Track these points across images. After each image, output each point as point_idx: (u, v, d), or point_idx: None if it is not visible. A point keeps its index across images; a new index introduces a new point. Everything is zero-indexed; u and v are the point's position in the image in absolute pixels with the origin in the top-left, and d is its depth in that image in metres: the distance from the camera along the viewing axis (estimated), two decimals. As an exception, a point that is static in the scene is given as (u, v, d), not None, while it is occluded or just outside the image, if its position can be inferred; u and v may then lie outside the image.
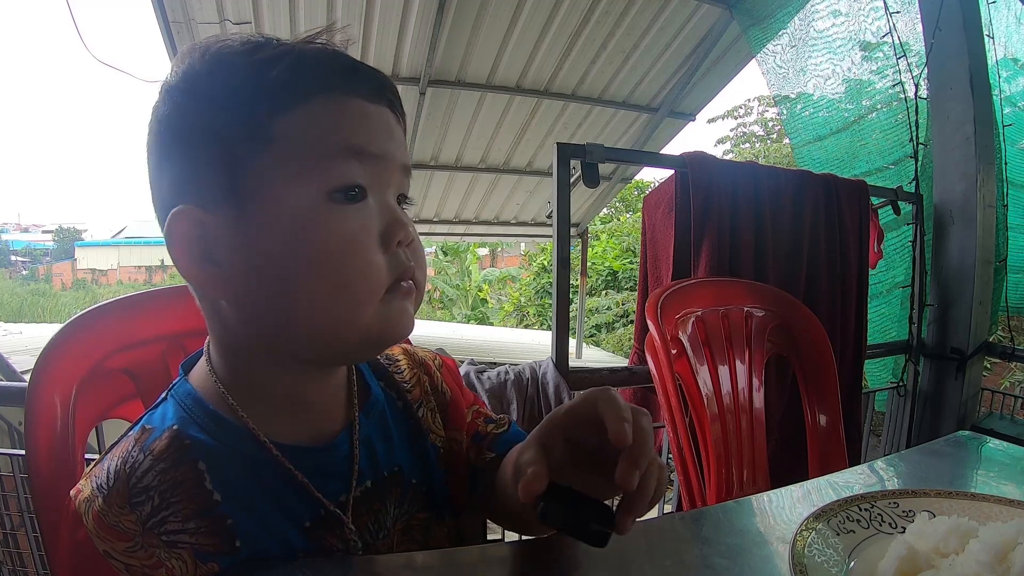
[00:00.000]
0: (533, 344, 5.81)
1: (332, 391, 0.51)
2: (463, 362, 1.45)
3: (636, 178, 6.85)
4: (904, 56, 2.12)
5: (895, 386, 2.13)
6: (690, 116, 3.69)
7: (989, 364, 3.22)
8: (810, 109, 2.42)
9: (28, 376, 0.66)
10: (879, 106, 2.28)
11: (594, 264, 9.21)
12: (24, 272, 22.48)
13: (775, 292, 1.33)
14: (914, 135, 2.13)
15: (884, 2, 2.13)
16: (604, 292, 9.21)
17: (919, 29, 2.10)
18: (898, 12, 2.14)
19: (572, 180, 1.49)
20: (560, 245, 1.43)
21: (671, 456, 1.20)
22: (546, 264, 9.60)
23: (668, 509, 1.56)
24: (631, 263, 9.10)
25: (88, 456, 0.62)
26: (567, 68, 3.11)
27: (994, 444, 0.74)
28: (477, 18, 2.68)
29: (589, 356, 5.61)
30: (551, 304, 2.17)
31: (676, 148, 3.95)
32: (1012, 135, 2.19)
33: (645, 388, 1.56)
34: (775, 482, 1.13)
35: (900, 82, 2.15)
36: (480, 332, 7.24)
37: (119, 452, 0.44)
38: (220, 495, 0.43)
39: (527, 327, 9.29)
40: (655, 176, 10.97)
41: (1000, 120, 2.13)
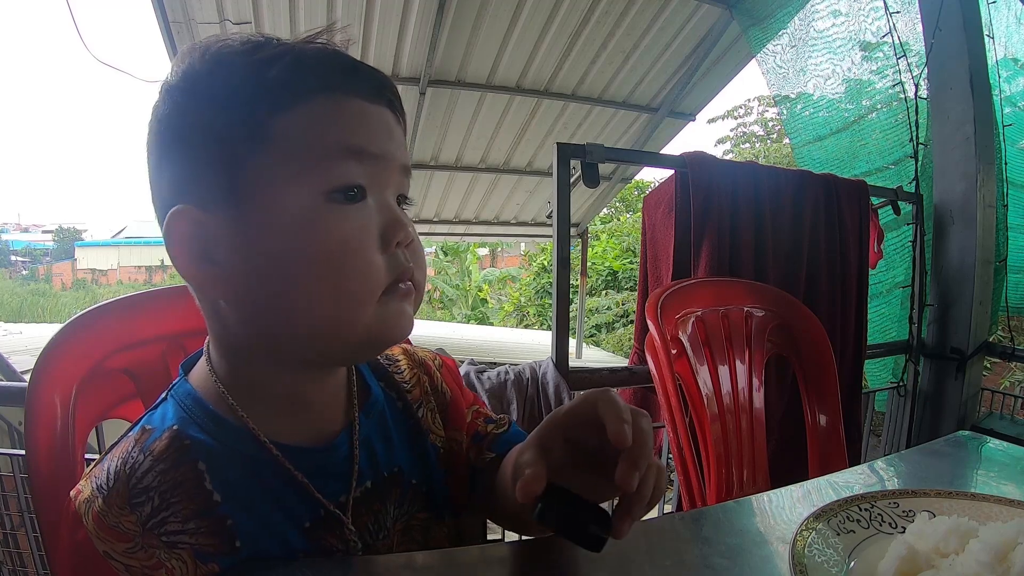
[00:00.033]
0: (533, 344, 5.81)
1: (332, 391, 0.51)
2: (463, 362, 1.45)
3: (636, 178, 6.85)
4: (904, 56, 2.12)
5: (895, 386, 2.13)
6: (690, 116, 3.69)
7: (989, 364, 3.22)
8: (810, 109, 2.41)
9: (28, 376, 0.66)
10: (879, 106, 2.28)
11: (594, 264, 9.21)
12: (24, 272, 22.47)
13: (775, 292, 1.33)
14: (914, 135, 2.13)
15: (884, 2, 2.13)
16: (604, 292, 9.21)
17: (919, 29, 2.10)
18: (898, 12, 2.14)
19: (572, 180, 1.49)
20: (560, 245, 1.43)
21: (671, 456, 1.20)
22: (546, 264, 9.60)
23: (668, 509, 1.56)
24: (631, 263, 9.10)
25: (88, 456, 0.62)
26: (567, 68, 3.11)
27: (994, 444, 0.74)
28: (477, 18, 2.68)
29: (589, 356, 5.60)
30: (551, 304, 2.17)
31: (676, 148, 3.95)
32: (1012, 135, 2.19)
33: (645, 388, 1.56)
34: (775, 482, 1.13)
35: (900, 82, 2.15)
36: (480, 332, 7.23)
37: (119, 453, 0.44)
38: (220, 495, 0.43)
39: (527, 327, 9.28)
40: (655, 176, 10.98)
41: (1000, 120, 2.13)
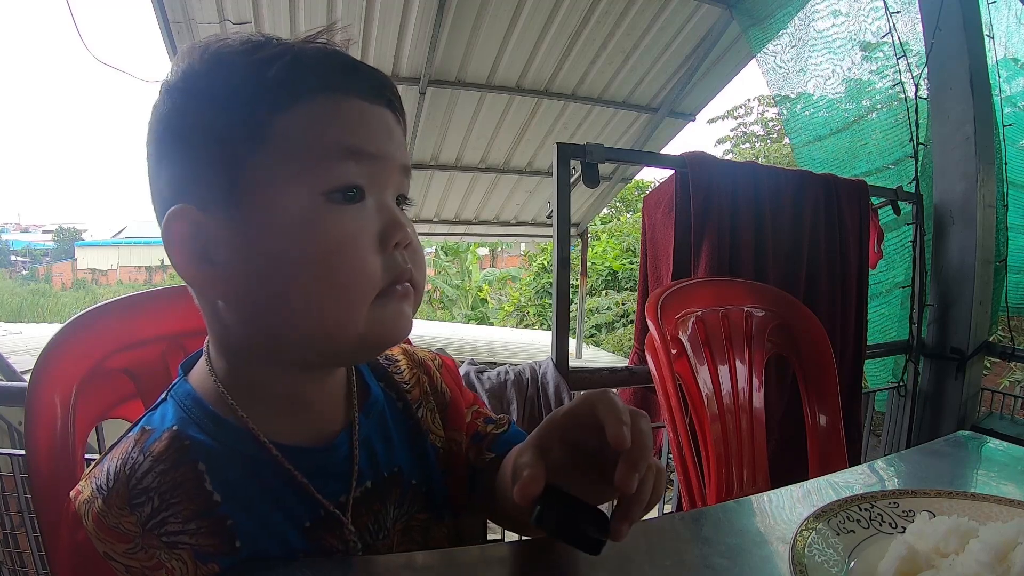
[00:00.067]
0: (533, 344, 5.81)
1: (332, 391, 0.51)
2: (463, 362, 1.45)
3: (636, 178, 6.85)
4: (904, 56, 2.12)
5: (895, 386, 2.13)
6: (690, 116, 3.69)
7: (988, 364, 3.22)
8: (810, 109, 2.41)
9: (28, 376, 0.66)
10: (879, 106, 2.28)
11: (594, 264, 9.20)
12: (24, 272, 22.46)
13: (775, 292, 1.33)
14: (914, 135, 2.13)
15: (884, 2, 2.13)
16: (604, 292, 9.21)
17: (919, 29, 2.10)
18: (898, 12, 2.14)
19: (572, 180, 1.49)
20: (560, 245, 1.43)
21: (671, 456, 1.20)
22: (546, 264, 9.60)
23: (668, 509, 1.56)
24: (631, 263, 9.10)
25: (88, 456, 0.62)
26: (567, 68, 3.11)
27: (994, 444, 0.74)
28: (477, 18, 2.68)
29: (589, 356, 5.60)
30: (551, 304, 2.17)
31: (676, 148, 3.95)
32: (1012, 135, 2.19)
33: (645, 388, 1.56)
34: (775, 482, 1.13)
35: (900, 82, 2.15)
36: (480, 332, 7.23)
37: (119, 453, 0.43)
38: (220, 496, 0.43)
39: (527, 327, 9.28)
40: (655, 176, 10.97)
41: (1000, 120, 2.13)
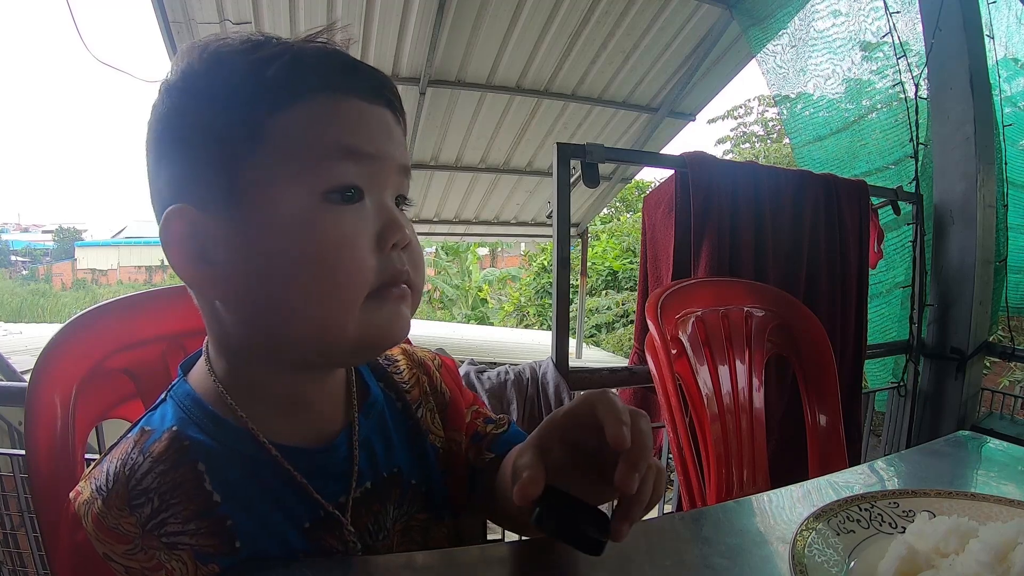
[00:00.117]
0: (533, 344, 5.81)
1: (331, 392, 0.50)
2: (463, 362, 1.45)
3: (636, 178, 6.85)
4: (904, 56, 2.12)
5: (895, 386, 2.13)
6: (690, 116, 3.69)
7: (988, 364, 3.22)
8: (810, 109, 2.41)
9: (28, 376, 0.66)
10: (879, 106, 2.28)
11: (594, 264, 9.21)
12: (24, 272, 22.45)
13: (775, 292, 1.33)
14: (914, 135, 2.13)
15: (884, 2, 2.13)
16: (604, 292, 9.21)
17: (919, 29, 2.10)
18: (898, 12, 2.14)
19: (572, 180, 1.49)
20: (560, 245, 1.43)
21: (671, 456, 1.20)
22: (546, 264, 9.60)
23: (668, 509, 1.56)
24: (631, 263, 9.10)
25: (88, 456, 0.62)
26: (567, 68, 3.11)
27: (994, 444, 0.74)
28: (477, 18, 2.68)
29: (589, 356, 5.60)
30: (551, 304, 2.17)
31: (676, 148, 3.95)
32: (1012, 135, 2.19)
33: (645, 388, 1.56)
34: (775, 482, 1.13)
35: (900, 82, 2.15)
36: (480, 332, 7.23)
37: (118, 454, 0.43)
38: (220, 496, 0.43)
39: (527, 327, 9.28)
40: (655, 176, 10.97)
41: (1000, 120, 2.13)
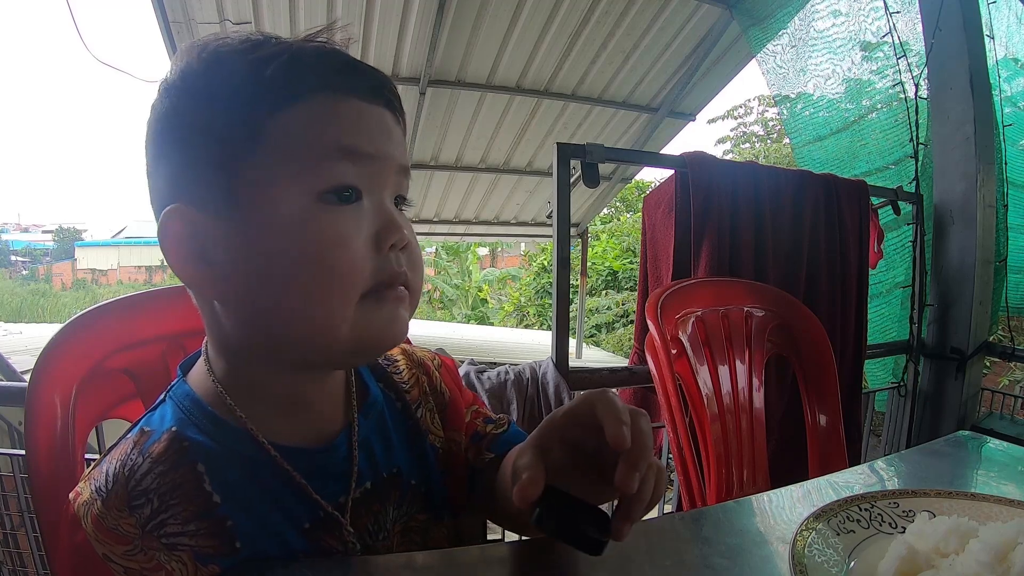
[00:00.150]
0: (533, 344, 5.81)
1: (331, 392, 0.50)
2: (463, 362, 1.45)
3: (636, 178, 6.85)
4: (904, 56, 2.12)
5: (895, 386, 2.13)
6: (690, 116, 3.69)
7: (988, 363, 3.22)
8: (810, 109, 2.41)
9: (28, 376, 0.66)
10: (879, 106, 2.28)
11: (594, 264, 9.21)
12: (24, 272, 22.45)
13: (775, 292, 1.33)
14: (914, 135, 2.13)
15: (884, 2, 2.13)
16: (604, 292, 9.21)
17: (919, 29, 2.10)
18: (898, 12, 2.14)
19: (572, 180, 1.49)
20: (560, 245, 1.43)
21: (671, 456, 1.20)
22: (546, 264, 9.60)
23: (668, 509, 1.56)
24: (631, 263, 9.10)
25: (88, 456, 0.62)
26: (567, 68, 3.11)
27: (994, 444, 0.74)
28: (477, 18, 2.68)
29: (589, 356, 5.60)
30: (551, 304, 2.17)
31: (676, 148, 3.95)
32: (1012, 135, 2.19)
33: (645, 388, 1.56)
34: (775, 482, 1.13)
35: (900, 82, 2.15)
36: (480, 332, 7.23)
37: (117, 455, 0.43)
38: (219, 496, 0.43)
39: (527, 327, 9.28)
40: (655, 176, 10.98)
41: (1000, 120, 2.13)
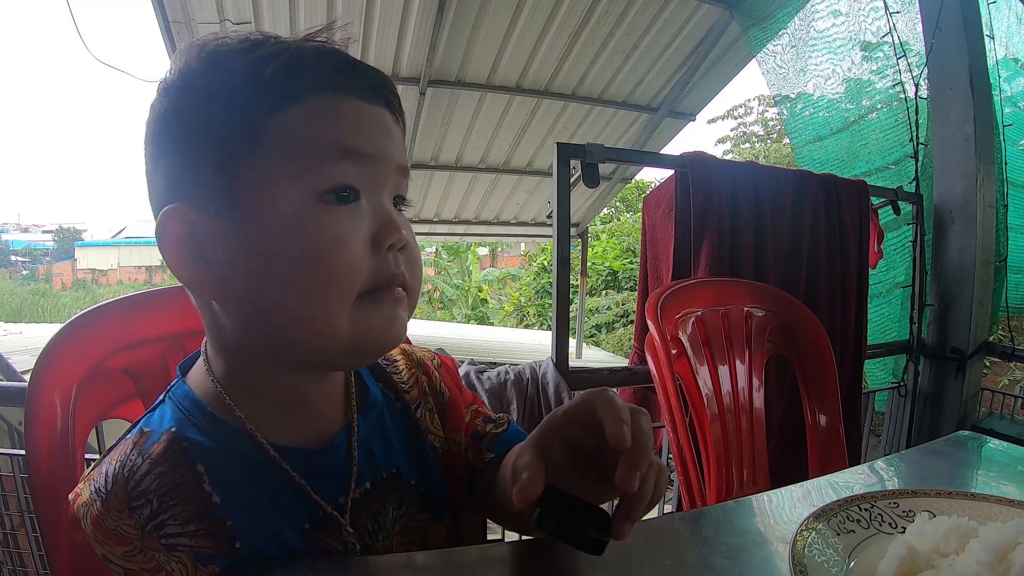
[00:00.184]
0: (533, 344, 5.81)
1: (330, 392, 0.50)
2: (463, 362, 1.45)
3: (636, 178, 6.85)
4: (904, 56, 2.12)
5: (895, 386, 2.13)
6: (690, 116, 3.69)
7: (988, 363, 3.22)
8: (810, 109, 2.41)
9: (28, 376, 0.66)
10: (879, 106, 2.28)
11: (594, 264, 9.21)
12: (24, 272, 22.44)
13: (775, 292, 1.33)
14: (914, 135, 2.13)
15: (884, 2, 2.13)
16: (604, 292, 9.21)
17: (919, 29, 2.10)
18: (898, 12, 2.14)
19: (572, 180, 1.49)
20: (560, 245, 1.43)
21: (671, 456, 1.20)
22: (546, 264, 9.60)
23: (668, 509, 1.56)
24: (631, 263, 9.10)
25: (88, 456, 0.62)
26: (567, 68, 3.11)
27: (994, 444, 0.74)
28: (477, 18, 2.68)
29: (589, 356, 5.61)
30: (551, 304, 2.17)
31: (676, 148, 3.95)
32: (1012, 135, 2.19)
33: (645, 388, 1.56)
34: (775, 482, 1.13)
35: (900, 82, 2.15)
36: (480, 332, 7.23)
37: (117, 456, 0.43)
38: (219, 497, 0.43)
39: (527, 327, 9.28)
40: (655, 176, 10.98)
41: (1000, 120, 2.13)
